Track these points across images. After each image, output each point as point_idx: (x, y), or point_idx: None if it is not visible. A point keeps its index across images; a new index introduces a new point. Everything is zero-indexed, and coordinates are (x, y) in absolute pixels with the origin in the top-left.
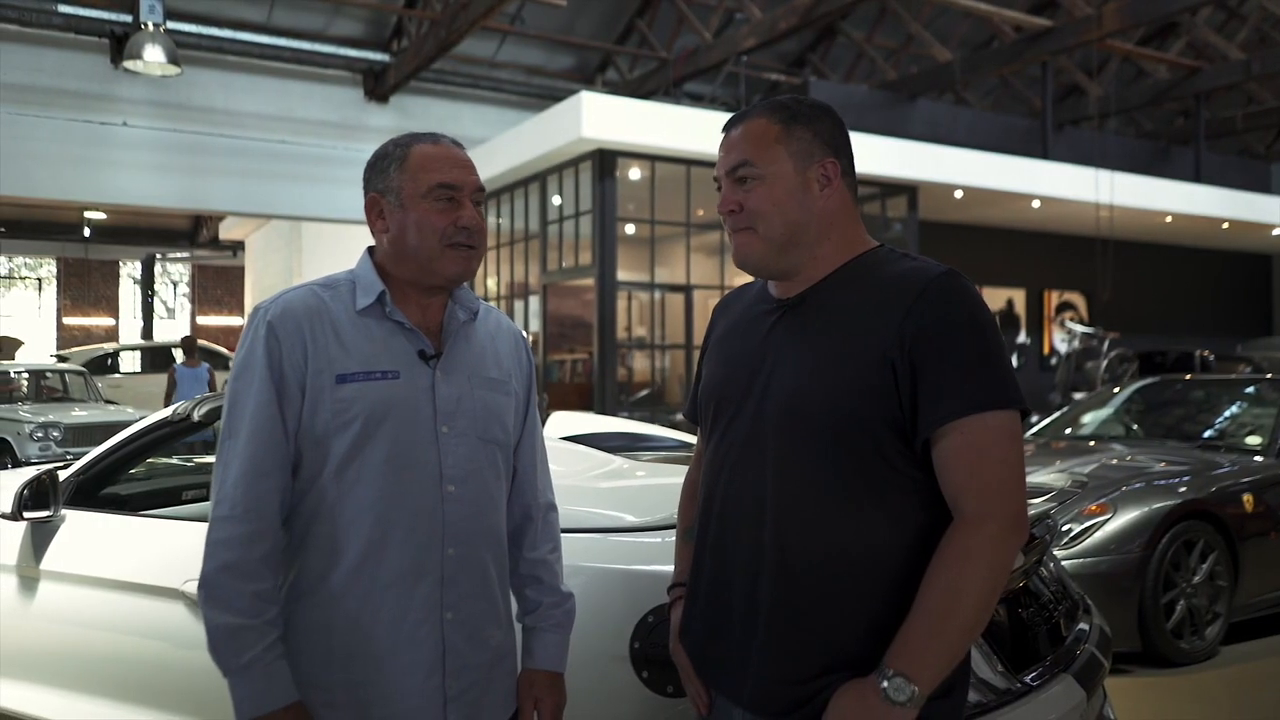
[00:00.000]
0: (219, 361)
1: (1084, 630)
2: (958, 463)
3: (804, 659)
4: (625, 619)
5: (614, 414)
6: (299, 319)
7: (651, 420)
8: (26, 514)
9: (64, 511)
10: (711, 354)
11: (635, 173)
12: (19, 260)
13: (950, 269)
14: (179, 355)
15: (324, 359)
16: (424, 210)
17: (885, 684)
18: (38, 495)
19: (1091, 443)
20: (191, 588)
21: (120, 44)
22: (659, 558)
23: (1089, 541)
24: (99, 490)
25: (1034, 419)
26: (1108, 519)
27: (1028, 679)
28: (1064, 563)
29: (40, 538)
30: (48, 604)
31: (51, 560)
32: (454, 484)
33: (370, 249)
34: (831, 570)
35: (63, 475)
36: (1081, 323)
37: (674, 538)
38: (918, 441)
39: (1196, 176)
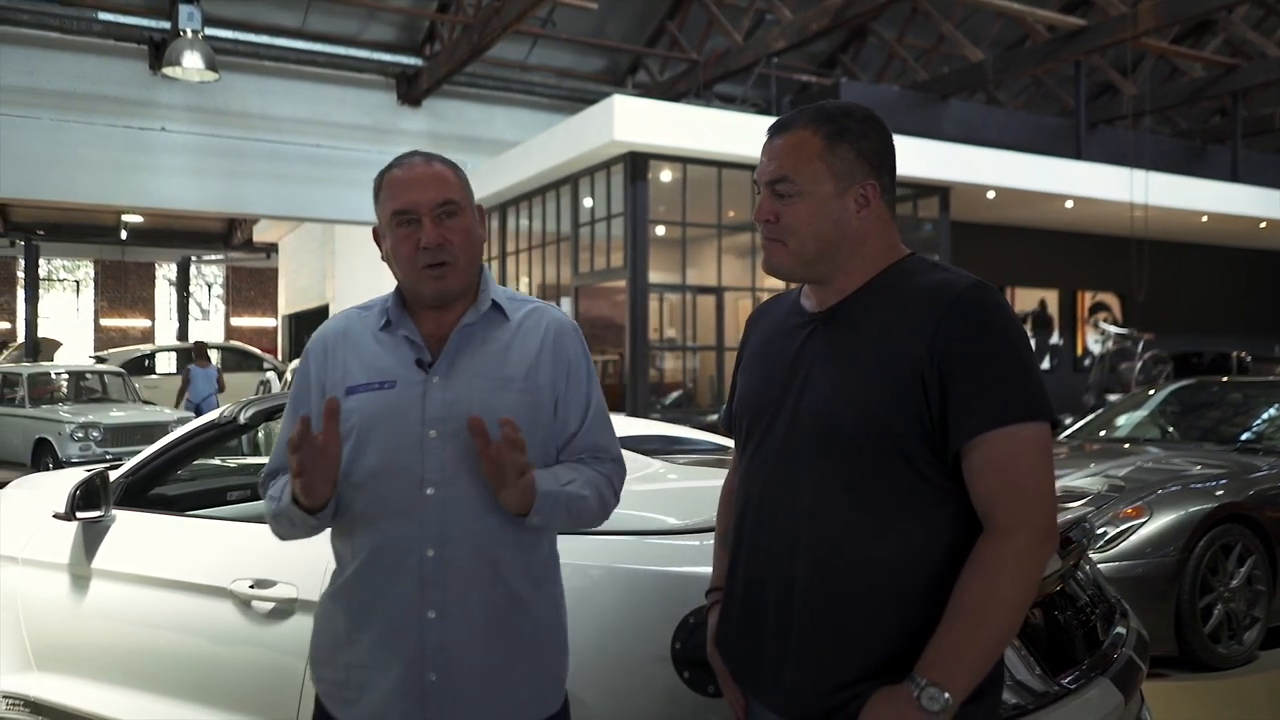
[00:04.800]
0: (253, 362)
1: (1121, 634)
2: (988, 475)
3: (837, 667)
4: (666, 620)
5: (646, 415)
6: (327, 342)
7: (683, 422)
8: (79, 514)
9: (114, 512)
10: (745, 366)
11: (666, 175)
12: (57, 263)
13: (978, 281)
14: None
15: (339, 374)
16: (394, 240)
17: (918, 693)
18: (89, 496)
19: (1126, 445)
20: (239, 587)
21: (159, 50)
22: (699, 560)
23: (1125, 545)
24: (147, 491)
25: (1067, 421)
26: (1144, 522)
27: (1065, 682)
28: (1100, 566)
29: (91, 537)
30: (99, 602)
31: (102, 559)
32: (433, 486)
33: None
34: (864, 579)
35: (113, 476)
36: (1115, 324)
37: (713, 541)
38: (949, 454)
39: (1233, 175)
